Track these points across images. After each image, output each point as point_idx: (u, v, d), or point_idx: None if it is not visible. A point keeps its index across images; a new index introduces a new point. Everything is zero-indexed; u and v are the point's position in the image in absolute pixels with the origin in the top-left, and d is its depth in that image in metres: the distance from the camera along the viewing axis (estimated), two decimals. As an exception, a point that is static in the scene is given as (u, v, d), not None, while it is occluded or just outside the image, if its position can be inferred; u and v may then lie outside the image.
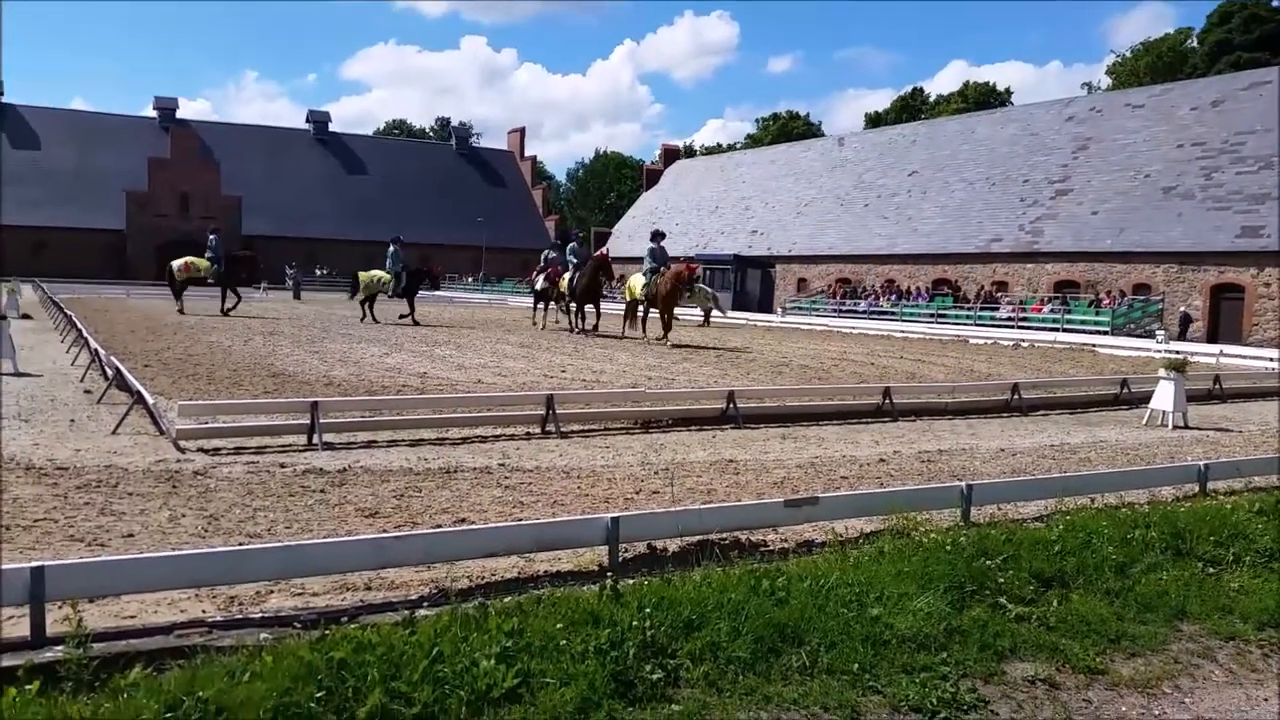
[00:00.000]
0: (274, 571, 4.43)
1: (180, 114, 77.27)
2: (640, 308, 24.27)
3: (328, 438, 8.58)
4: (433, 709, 3.18)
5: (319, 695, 3.16)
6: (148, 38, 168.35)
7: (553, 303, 27.88)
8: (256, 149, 76.05)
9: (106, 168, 67.63)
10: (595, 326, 25.37)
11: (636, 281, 24.15)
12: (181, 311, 28.80)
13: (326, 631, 3.63)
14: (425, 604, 4.39)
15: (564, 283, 26.05)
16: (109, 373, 11.31)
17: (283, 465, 7.54)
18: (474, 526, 5.50)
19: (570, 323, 26.03)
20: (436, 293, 39.68)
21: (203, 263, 29.99)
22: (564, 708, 3.25)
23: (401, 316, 28.24)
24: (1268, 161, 38.34)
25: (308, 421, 8.60)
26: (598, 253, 26.21)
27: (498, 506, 6.44)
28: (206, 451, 7.97)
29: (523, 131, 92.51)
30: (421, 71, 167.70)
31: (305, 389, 12.09)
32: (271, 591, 4.64)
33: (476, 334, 24.90)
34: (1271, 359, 24.16)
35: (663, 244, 24.33)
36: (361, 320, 27.57)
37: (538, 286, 28.34)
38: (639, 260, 25.91)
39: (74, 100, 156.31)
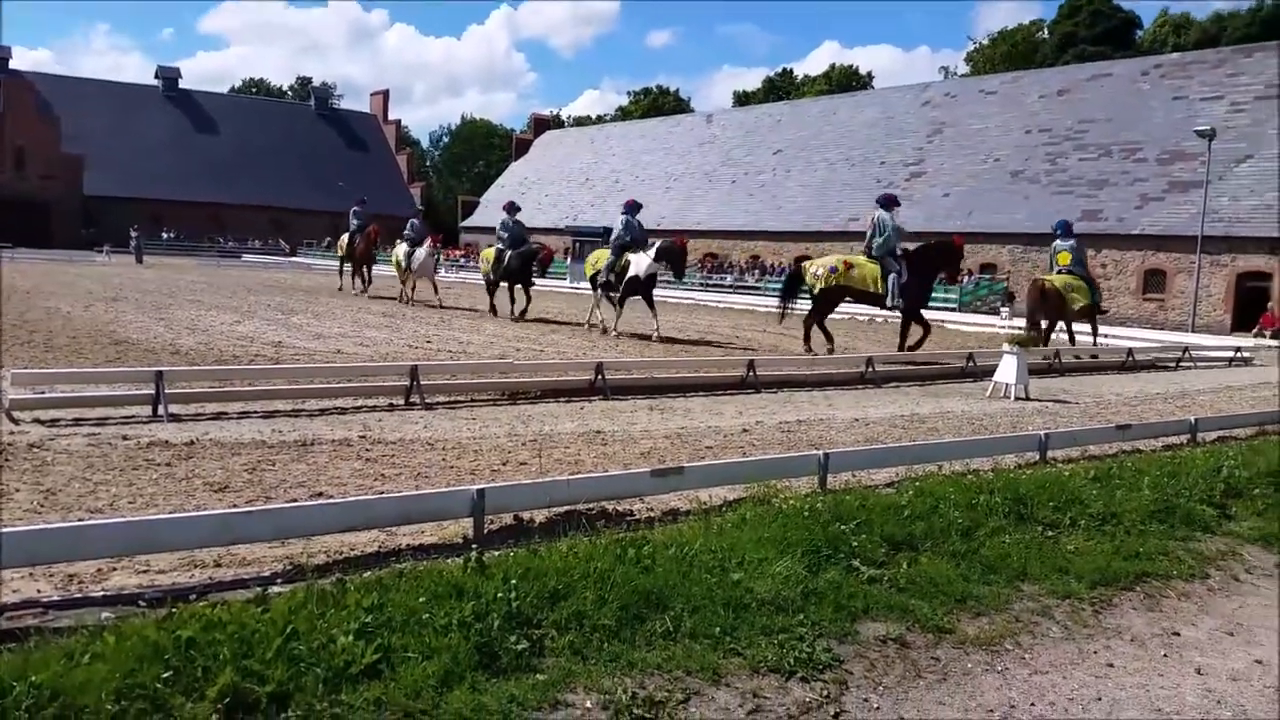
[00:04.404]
0: (116, 548, 4.20)
1: (14, 65, 71.60)
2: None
3: (174, 409, 8.18)
4: (288, 687, 3.07)
5: (166, 675, 3.02)
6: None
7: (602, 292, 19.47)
8: (100, 104, 71.01)
9: (-73, 119, 62.22)
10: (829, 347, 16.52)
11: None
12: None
13: (174, 610, 3.46)
14: (279, 581, 4.25)
15: (814, 272, 16.86)
16: (-72, 339, 10.48)
17: (126, 437, 7.14)
18: (332, 500, 5.34)
19: (807, 343, 16.90)
20: (293, 259, 38.44)
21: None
22: (426, 682, 3.20)
23: None
24: (1106, 149, 40.77)
25: (152, 392, 8.17)
26: (955, 238, 17.97)
27: (358, 480, 6.27)
28: (43, 423, 7.48)
29: (386, 94, 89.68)
30: (285, 28, 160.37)
31: (150, 357, 11.52)
32: (114, 569, 4.40)
33: (335, 302, 24.17)
34: (1104, 336, 25.75)
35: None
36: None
37: (640, 271, 18.24)
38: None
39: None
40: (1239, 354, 21.69)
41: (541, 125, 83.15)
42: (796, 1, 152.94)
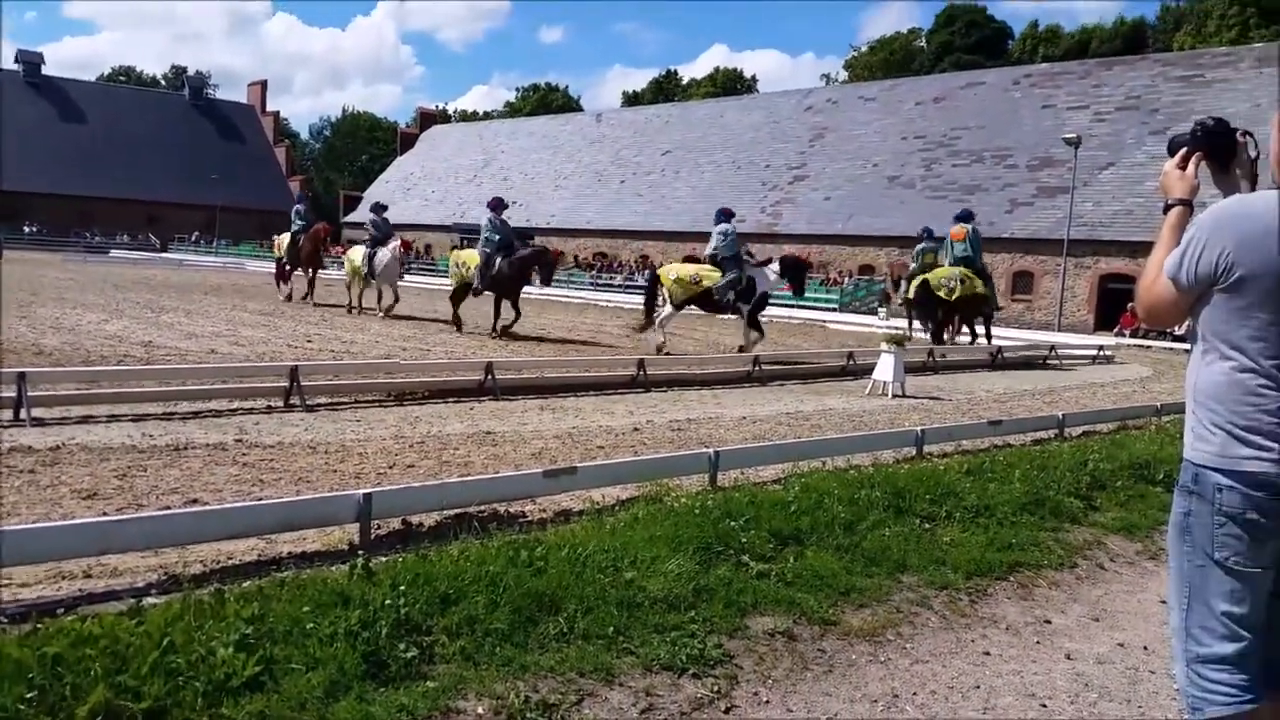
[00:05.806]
0: (-27, 562, 3.95)
1: None
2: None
3: (37, 412, 7.75)
4: (165, 702, 2.94)
5: (30, 696, 2.85)
6: None
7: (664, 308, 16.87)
8: (-47, 89, 66.82)
9: None
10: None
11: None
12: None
13: (39, 625, 3.28)
14: (154, 592, 4.07)
15: (947, 286, 17.05)
16: None
17: (-18, 444, 6.73)
18: (208, 507, 5.14)
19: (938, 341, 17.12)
20: (164, 255, 36.73)
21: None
22: (310, 693, 3.11)
23: None
24: (979, 155, 42.44)
25: (14, 395, 7.71)
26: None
27: (234, 485, 6.05)
28: (-115, 429, 6.99)
29: (264, 85, 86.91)
30: (159, 14, 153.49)
31: (11, 358, 10.87)
32: (-30, 585, 4.14)
33: (209, 300, 23.27)
34: (966, 335, 26.83)
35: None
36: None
37: (767, 287, 16.88)
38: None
39: None
40: (1101, 352, 22.88)
41: (428, 120, 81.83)
42: (687, 2, 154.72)
